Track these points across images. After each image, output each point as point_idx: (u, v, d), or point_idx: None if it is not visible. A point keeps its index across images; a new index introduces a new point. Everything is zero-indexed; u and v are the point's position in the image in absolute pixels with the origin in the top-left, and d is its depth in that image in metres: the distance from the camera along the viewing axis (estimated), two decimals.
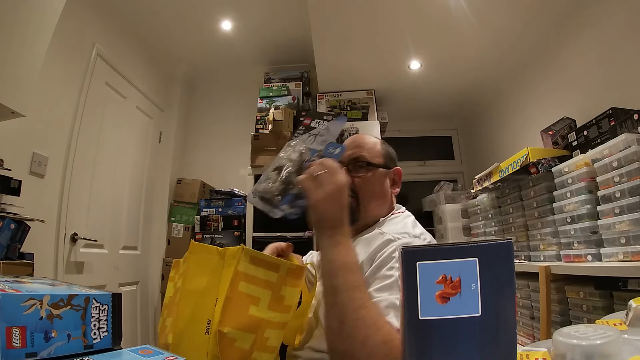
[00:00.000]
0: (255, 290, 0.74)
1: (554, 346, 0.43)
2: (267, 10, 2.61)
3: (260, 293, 0.74)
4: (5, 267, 1.37)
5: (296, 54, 3.07)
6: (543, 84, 2.19)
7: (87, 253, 2.16)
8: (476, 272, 0.38)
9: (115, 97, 2.49)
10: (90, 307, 0.51)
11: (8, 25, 1.33)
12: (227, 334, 0.68)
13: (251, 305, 0.73)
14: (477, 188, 2.02)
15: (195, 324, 0.72)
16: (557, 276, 1.39)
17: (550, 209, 1.49)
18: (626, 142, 1.15)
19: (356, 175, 0.95)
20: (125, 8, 2.45)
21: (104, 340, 0.52)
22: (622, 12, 1.58)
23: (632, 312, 0.49)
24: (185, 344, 0.72)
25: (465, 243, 0.39)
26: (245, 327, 0.71)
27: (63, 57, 1.99)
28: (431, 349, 0.38)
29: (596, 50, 1.74)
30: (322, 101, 2.86)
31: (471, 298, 0.38)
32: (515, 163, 1.62)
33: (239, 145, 2.98)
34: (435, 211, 2.71)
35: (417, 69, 2.60)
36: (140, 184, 2.80)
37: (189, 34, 2.85)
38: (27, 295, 0.46)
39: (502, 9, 1.97)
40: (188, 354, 0.69)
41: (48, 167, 1.89)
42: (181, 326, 0.73)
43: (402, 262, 0.39)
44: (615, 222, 1.15)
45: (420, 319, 0.38)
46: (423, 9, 2.02)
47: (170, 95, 3.21)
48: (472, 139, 3.31)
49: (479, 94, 2.89)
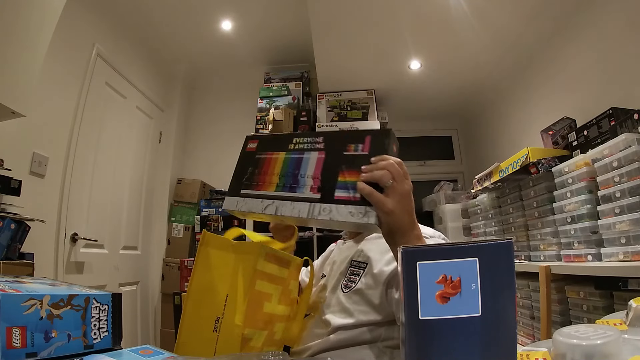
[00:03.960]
0: (269, 287, 0.75)
1: (554, 346, 0.43)
2: (267, 10, 2.61)
3: (273, 289, 0.76)
4: (6, 267, 1.37)
5: (296, 54, 3.07)
6: (543, 83, 2.19)
7: (87, 253, 2.16)
8: (476, 272, 0.38)
9: (115, 97, 2.49)
10: (91, 307, 0.51)
11: (8, 25, 1.33)
12: (245, 335, 0.69)
13: (265, 302, 0.74)
14: (477, 188, 2.02)
15: (203, 320, 0.71)
16: (557, 276, 1.39)
17: (551, 209, 1.49)
18: (626, 142, 1.15)
19: None
20: (126, 8, 2.45)
21: (104, 340, 0.52)
22: (622, 12, 1.58)
23: (632, 312, 0.49)
24: (192, 341, 0.71)
25: (466, 243, 0.39)
26: (261, 326, 0.72)
27: (63, 57, 1.98)
28: (431, 349, 0.38)
29: (596, 50, 1.74)
30: (322, 101, 2.86)
31: (471, 298, 0.38)
32: (516, 163, 1.62)
33: (239, 145, 2.95)
34: (436, 211, 2.71)
35: (417, 69, 2.60)
36: (140, 184, 2.80)
37: (189, 34, 2.85)
38: (27, 295, 0.46)
39: (502, 9, 1.97)
40: (195, 351, 0.69)
41: (48, 167, 1.89)
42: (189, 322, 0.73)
43: (402, 262, 0.39)
44: (615, 222, 1.15)
45: (421, 319, 0.38)
46: (423, 8, 2.01)
47: (170, 95, 3.21)
48: (472, 139, 3.31)
49: (479, 94, 2.89)
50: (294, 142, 0.81)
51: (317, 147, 0.77)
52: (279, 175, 0.77)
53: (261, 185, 0.78)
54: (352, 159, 0.72)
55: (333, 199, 0.69)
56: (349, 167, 0.71)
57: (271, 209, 0.73)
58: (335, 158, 0.74)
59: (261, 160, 0.82)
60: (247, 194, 0.78)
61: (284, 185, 0.75)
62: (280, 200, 0.73)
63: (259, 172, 0.80)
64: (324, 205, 0.69)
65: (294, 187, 0.74)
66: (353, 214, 0.66)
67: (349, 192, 0.68)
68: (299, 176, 0.75)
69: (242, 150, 0.88)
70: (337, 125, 2.70)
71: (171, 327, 2.61)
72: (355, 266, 0.87)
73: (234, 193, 0.80)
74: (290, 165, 0.77)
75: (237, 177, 0.83)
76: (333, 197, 0.69)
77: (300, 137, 0.81)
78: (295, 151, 0.79)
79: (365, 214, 0.65)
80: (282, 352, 0.45)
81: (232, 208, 0.78)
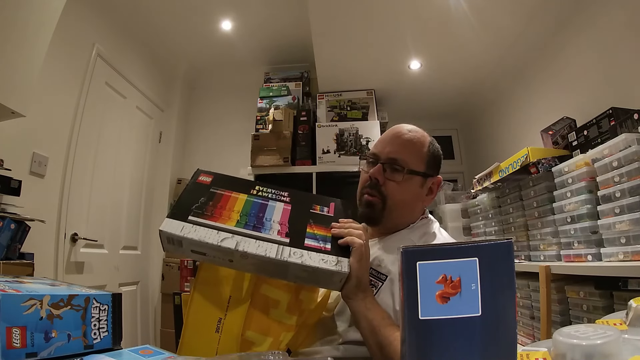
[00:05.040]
0: (276, 293, 0.74)
1: (554, 346, 0.43)
2: (267, 10, 2.61)
3: (281, 296, 0.74)
4: (6, 267, 1.37)
5: (296, 54, 3.07)
6: (543, 83, 2.19)
7: (87, 253, 2.16)
8: (476, 272, 0.38)
9: (115, 97, 2.49)
10: (91, 307, 0.51)
11: (8, 25, 1.33)
12: (247, 338, 0.69)
13: (271, 309, 0.73)
14: (477, 188, 2.02)
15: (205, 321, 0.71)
16: (557, 276, 1.39)
17: (551, 209, 1.49)
18: (626, 142, 1.15)
19: (390, 178, 0.85)
20: (125, 8, 2.45)
21: (104, 340, 0.52)
22: (622, 12, 1.58)
23: (632, 312, 0.49)
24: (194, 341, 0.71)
25: (465, 243, 0.39)
26: (265, 331, 0.71)
27: (63, 57, 1.98)
28: (431, 349, 0.38)
29: (596, 50, 1.74)
30: (322, 101, 2.86)
31: (471, 298, 0.38)
32: (516, 163, 1.62)
33: (239, 145, 2.98)
34: (436, 211, 2.71)
35: (417, 69, 2.60)
36: (140, 184, 2.80)
37: (189, 34, 2.85)
38: (27, 295, 0.46)
39: (502, 9, 1.97)
40: (196, 352, 0.69)
41: (48, 167, 1.89)
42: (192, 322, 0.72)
43: (402, 262, 0.39)
44: (615, 221, 1.15)
45: (420, 319, 0.38)
46: (423, 9, 2.01)
47: (170, 95, 3.21)
48: (472, 139, 3.31)
49: (479, 94, 2.89)
50: (256, 188, 0.80)
51: (282, 199, 0.79)
52: (240, 213, 0.72)
53: (217, 218, 0.70)
54: (319, 216, 0.77)
55: (303, 245, 0.69)
56: (317, 222, 0.75)
57: (229, 243, 0.66)
58: (302, 212, 0.77)
59: (218, 194, 0.76)
60: (198, 222, 0.69)
61: (247, 223, 0.71)
62: (243, 236, 0.68)
63: (215, 205, 0.73)
64: (294, 249, 0.68)
65: (259, 227, 0.71)
66: (326, 261, 0.68)
67: (318, 242, 0.71)
68: (264, 219, 0.72)
69: (191, 181, 0.80)
70: (337, 125, 2.70)
71: (171, 327, 2.61)
72: (374, 275, 0.80)
73: (179, 217, 0.69)
74: (254, 207, 0.75)
75: (183, 203, 0.73)
76: (303, 244, 0.70)
77: (263, 187, 0.80)
78: (259, 197, 0.78)
79: (337, 262, 0.68)
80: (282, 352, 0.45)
81: (175, 232, 0.67)
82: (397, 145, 0.87)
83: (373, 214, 0.86)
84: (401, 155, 0.85)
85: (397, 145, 0.87)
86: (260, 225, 0.71)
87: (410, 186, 0.86)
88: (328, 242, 0.72)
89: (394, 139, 0.88)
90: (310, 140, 2.66)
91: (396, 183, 0.84)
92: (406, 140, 0.88)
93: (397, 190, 0.85)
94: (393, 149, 0.86)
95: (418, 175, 0.86)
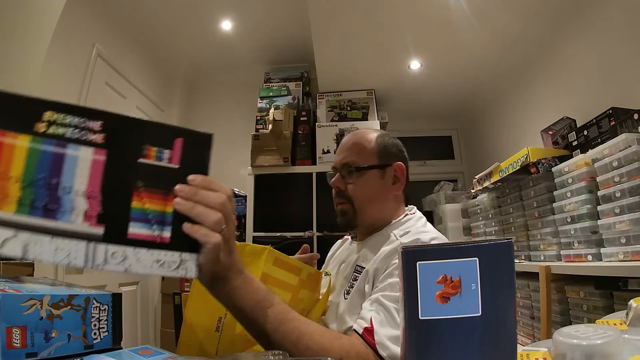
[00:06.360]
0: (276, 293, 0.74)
1: (554, 346, 0.43)
2: (266, 10, 2.61)
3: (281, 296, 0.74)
4: (5, 267, 1.37)
5: (296, 54, 3.07)
6: (543, 83, 2.19)
7: None
8: (476, 272, 0.38)
9: (115, 97, 2.49)
10: (91, 307, 0.51)
11: (8, 25, 1.33)
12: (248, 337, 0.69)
13: None
14: (477, 188, 2.02)
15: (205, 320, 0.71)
16: (557, 276, 1.39)
17: (551, 209, 1.49)
18: (626, 142, 1.15)
19: (348, 182, 0.90)
20: (126, 8, 2.45)
21: (104, 340, 0.52)
22: (622, 12, 1.58)
23: (632, 312, 0.49)
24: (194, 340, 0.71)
25: (465, 243, 0.39)
26: None
27: (63, 57, 1.98)
28: (431, 349, 0.38)
29: (596, 50, 1.74)
30: (322, 101, 2.86)
31: (471, 298, 0.38)
32: (516, 163, 1.62)
33: (239, 145, 2.98)
34: (436, 211, 2.71)
35: (417, 69, 2.60)
36: None
37: (189, 34, 2.85)
38: (28, 295, 0.46)
39: (502, 9, 1.97)
40: (196, 351, 0.69)
41: None
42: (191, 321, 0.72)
43: (402, 262, 0.39)
44: (615, 221, 1.15)
45: (420, 319, 0.38)
46: (423, 9, 2.01)
47: (170, 95, 3.21)
48: (472, 139, 3.31)
49: (479, 94, 2.89)
50: (47, 117, 0.44)
51: (91, 138, 0.45)
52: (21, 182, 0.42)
53: None
54: (155, 171, 0.46)
55: (125, 237, 0.44)
56: (149, 185, 0.46)
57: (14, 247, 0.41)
58: (125, 165, 0.46)
59: None
60: None
61: (33, 203, 0.42)
62: (30, 232, 0.42)
63: None
64: (112, 248, 0.44)
65: (53, 209, 0.43)
66: (163, 264, 0.45)
67: (150, 226, 0.45)
68: (60, 190, 0.43)
69: None
70: (337, 125, 2.69)
71: (171, 327, 2.61)
72: (358, 271, 0.84)
73: None
74: (42, 166, 0.43)
75: None
76: (125, 235, 0.44)
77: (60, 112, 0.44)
78: (50, 138, 0.43)
79: (180, 264, 0.45)
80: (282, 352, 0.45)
81: None
82: (345, 150, 0.93)
83: (348, 219, 0.91)
84: (350, 158, 0.91)
85: (345, 151, 0.93)
86: (55, 205, 0.43)
87: (368, 181, 0.90)
88: (167, 225, 0.46)
89: (342, 147, 0.95)
90: (310, 140, 2.66)
91: (354, 184, 0.90)
92: (352, 143, 0.94)
93: (357, 189, 0.89)
94: (343, 155, 0.93)
95: (373, 169, 0.90)
